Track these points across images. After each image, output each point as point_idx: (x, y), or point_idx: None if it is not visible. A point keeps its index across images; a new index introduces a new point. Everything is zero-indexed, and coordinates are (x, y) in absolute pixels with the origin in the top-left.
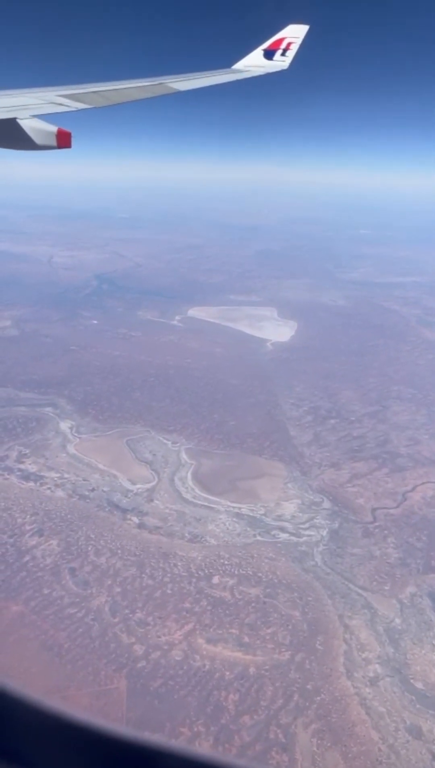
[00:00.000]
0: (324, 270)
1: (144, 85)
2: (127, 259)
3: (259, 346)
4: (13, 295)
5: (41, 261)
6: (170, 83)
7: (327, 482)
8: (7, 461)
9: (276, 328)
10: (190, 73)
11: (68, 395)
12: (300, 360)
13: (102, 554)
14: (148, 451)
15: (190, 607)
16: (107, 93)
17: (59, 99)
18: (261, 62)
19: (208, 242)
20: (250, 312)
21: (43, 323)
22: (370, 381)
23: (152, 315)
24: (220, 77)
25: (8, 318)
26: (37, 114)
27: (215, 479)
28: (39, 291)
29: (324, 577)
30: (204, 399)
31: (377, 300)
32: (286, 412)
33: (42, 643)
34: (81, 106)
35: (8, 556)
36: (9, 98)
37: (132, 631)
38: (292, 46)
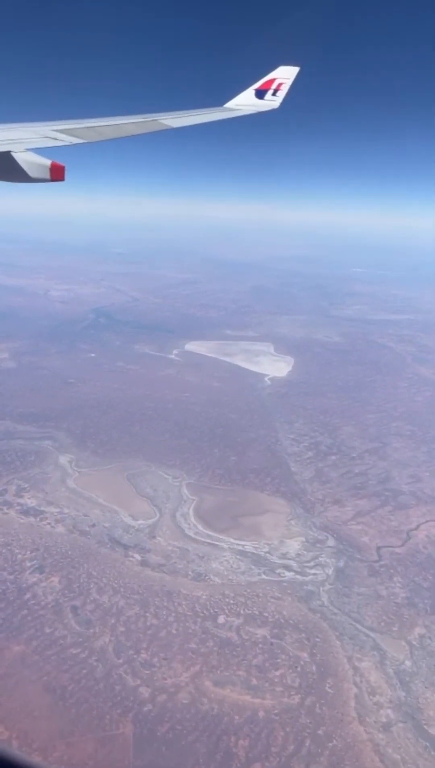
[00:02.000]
0: (318, 307)
1: (137, 121)
2: (123, 293)
3: (256, 380)
4: (9, 327)
5: (37, 294)
6: (163, 120)
7: (331, 519)
8: (6, 495)
9: (273, 363)
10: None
11: (67, 428)
12: (298, 395)
13: (104, 592)
14: (148, 485)
15: (196, 647)
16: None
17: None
18: (252, 101)
19: (203, 277)
20: (247, 347)
21: (40, 356)
22: (369, 417)
23: (150, 349)
24: (212, 115)
25: (5, 350)
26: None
27: (218, 515)
28: (36, 324)
29: (331, 617)
30: (204, 433)
31: (372, 337)
32: (286, 448)
33: (45, 686)
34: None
35: (8, 593)
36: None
37: (137, 673)
38: (282, 86)
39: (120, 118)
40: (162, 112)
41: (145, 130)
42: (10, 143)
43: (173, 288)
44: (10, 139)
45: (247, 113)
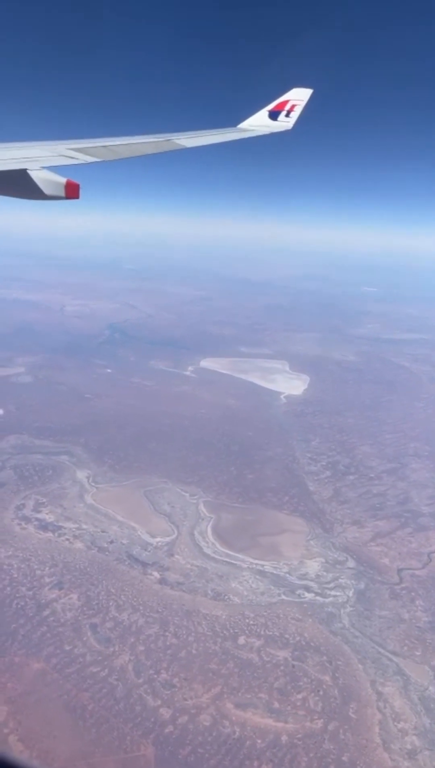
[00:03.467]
0: (332, 325)
1: (151, 140)
2: (137, 309)
3: (272, 398)
4: (26, 341)
5: (53, 309)
6: (177, 140)
7: (350, 540)
8: (24, 510)
9: (288, 381)
10: (197, 131)
11: (84, 443)
12: (315, 414)
13: (124, 610)
14: (166, 502)
15: (216, 668)
16: (115, 147)
17: (69, 152)
18: (266, 122)
19: (216, 295)
20: (262, 364)
21: (56, 370)
22: (386, 437)
23: (165, 365)
24: (226, 135)
25: (22, 364)
26: (47, 166)
27: (236, 534)
28: (52, 339)
29: (353, 640)
30: (220, 451)
31: (387, 356)
32: (303, 467)
33: (65, 704)
34: (90, 159)
35: (28, 609)
36: (21, 150)
37: (157, 693)
38: (296, 108)
39: (134, 137)
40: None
41: (159, 150)
42: (27, 161)
43: (187, 305)
44: (27, 157)
45: (260, 134)
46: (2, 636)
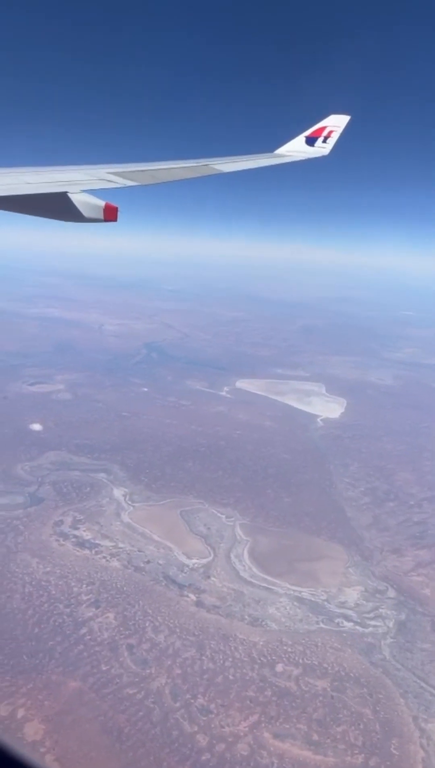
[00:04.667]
0: (369, 349)
1: (189, 165)
2: (174, 329)
3: (309, 421)
4: (66, 359)
5: (92, 328)
6: (215, 165)
7: (390, 569)
8: (62, 527)
9: (325, 404)
10: (234, 156)
11: (121, 461)
12: (353, 438)
13: (160, 631)
14: (202, 524)
15: (254, 696)
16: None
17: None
18: (303, 148)
19: (251, 316)
20: (298, 386)
21: (95, 388)
22: (426, 464)
23: (201, 385)
24: (263, 161)
25: (62, 382)
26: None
27: (273, 559)
28: (91, 357)
29: (394, 673)
30: (256, 473)
31: (426, 381)
32: (341, 492)
33: (102, 726)
34: (129, 183)
35: (65, 627)
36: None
37: (194, 719)
38: (333, 134)
39: (173, 162)
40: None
41: (196, 174)
42: (68, 184)
43: (223, 325)
44: (68, 181)
45: (296, 159)
46: (40, 653)
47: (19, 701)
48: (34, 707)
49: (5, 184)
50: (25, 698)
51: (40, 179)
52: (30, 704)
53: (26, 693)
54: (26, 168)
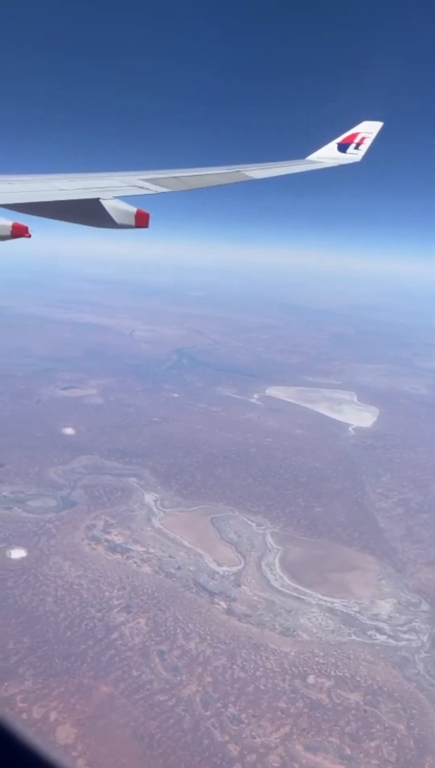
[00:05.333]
0: (401, 357)
1: (220, 172)
2: (204, 335)
3: (340, 430)
4: (98, 364)
5: (123, 333)
6: (246, 171)
7: (424, 582)
8: (94, 530)
9: (357, 412)
10: (266, 163)
11: (152, 467)
12: (385, 448)
13: (191, 639)
14: (232, 531)
15: (285, 707)
16: (186, 178)
17: (141, 182)
18: (335, 155)
19: (281, 323)
20: (329, 395)
21: (126, 393)
22: None
23: (231, 391)
24: (295, 167)
25: (94, 386)
26: (119, 195)
27: (304, 568)
28: (122, 362)
29: (429, 688)
30: (287, 481)
31: None
32: (374, 503)
33: (133, 732)
34: (160, 189)
35: (96, 631)
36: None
37: (225, 728)
38: (365, 140)
39: (204, 168)
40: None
41: (228, 181)
42: (100, 191)
43: (252, 332)
44: (101, 187)
45: (328, 166)
46: (72, 656)
47: (51, 704)
48: (66, 710)
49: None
50: (57, 701)
51: (73, 186)
52: (62, 707)
53: (58, 696)
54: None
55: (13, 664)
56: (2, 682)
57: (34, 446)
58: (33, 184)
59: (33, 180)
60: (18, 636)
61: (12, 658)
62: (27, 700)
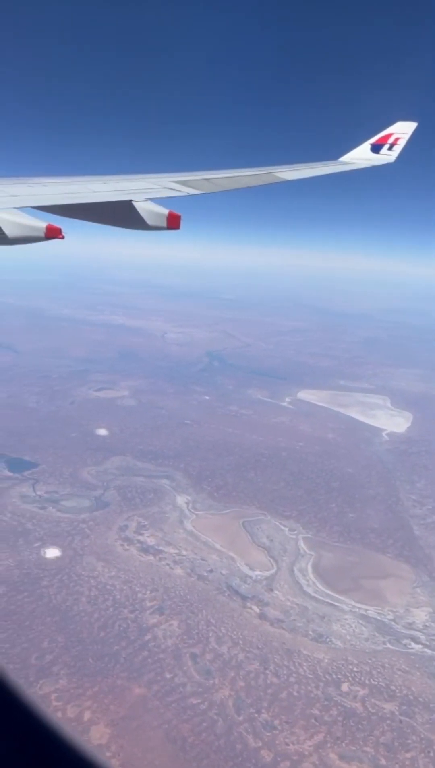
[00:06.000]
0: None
1: (252, 173)
2: (235, 338)
3: (373, 435)
4: (130, 366)
5: (155, 336)
6: (278, 173)
7: None
8: (127, 531)
9: (390, 417)
10: (298, 164)
11: (184, 469)
12: (419, 454)
13: (223, 642)
14: (264, 535)
15: (319, 714)
16: (217, 180)
17: (173, 184)
18: (368, 155)
19: (312, 326)
20: (362, 399)
21: (158, 395)
22: None
23: (262, 395)
24: (327, 168)
25: (126, 388)
26: (151, 197)
27: (337, 575)
28: (154, 364)
29: None
30: (320, 486)
31: None
32: (408, 509)
33: (166, 734)
34: (192, 191)
35: (130, 632)
36: (128, 182)
37: (258, 734)
38: (399, 141)
39: (236, 170)
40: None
41: (259, 182)
42: (133, 193)
43: (283, 335)
44: (133, 189)
45: (361, 167)
46: (105, 657)
47: (85, 704)
48: (99, 710)
49: (72, 192)
50: (91, 701)
51: (106, 188)
52: (96, 707)
53: (92, 696)
54: (92, 177)
55: (47, 662)
56: (37, 680)
57: (69, 447)
58: (66, 187)
59: (67, 182)
60: (52, 635)
61: (47, 656)
62: (61, 699)
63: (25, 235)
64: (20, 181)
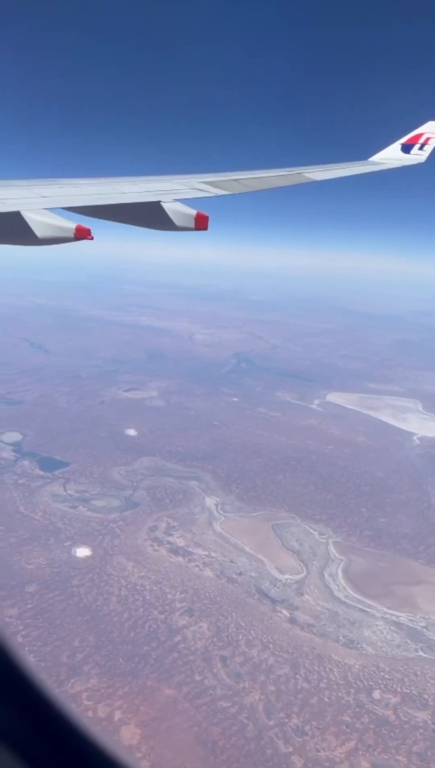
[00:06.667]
0: None
1: (282, 174)
2: (263, 340)
3: (404, 439)
4: (158, 367)
5: (183, 337)
6: (307, 173)
7: None
8: (156, 532)
9: (422, 421)
10: (327, 164)
11: (212, 470)
12: None
13: (253, 646)
14: (294, 539)
15: (350, 721)
16: (247, 181)
17: (201, 185)
18: (398, 155)
19: (342, 328)
20: (392, 402)
21: (186, 396)
22: None
23: (291, 397)
24: (357, 169)
25: (155, 389)
26: (179, 198)
27: (368, 580)
28: (182, 365)
29: None
30: (350, 490)
31: None
32: None
33: (196, 737)
34: (220, 192)
35: (159, 633)
36: (156, 183)
37: (289, 740)
38: (430, 141)
39: (264, 171)
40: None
41: (288, 183)
42: (161, 194)
43: (312, 337)
44: (161, 190)
45: (391, 167)
46: (135, 657)
47: (116, 703)
48: (130, 711)
49: (101, 193)
50: (121, 701)
51: (135, 189)
52: (126, 707)
53: (123, 696)
54: (121, 178)
55: (78, 661)
56: (68, 678)
57: (98, 446)
58: (96, 188)
59: (96, 183)
60: (83, 634)
61: (78, 655)
62: (92, 698)
63: (54, 235)
64: (51, 183)
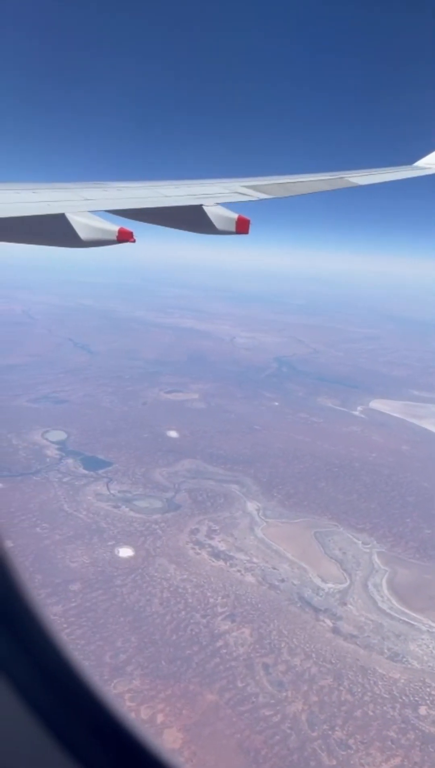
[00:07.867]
0: None
1: (324, 178)
2: (304, 344)
3: None
4: (199, 369)
5: (224, 340)
6: (350, 177)
7: None
8: (198, 535)
9: None
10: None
11: (253, 475)
12: None
13: (296, 654)
14: (337, 547)
15: (395, 737)
16: (288, 185)
17: (243, 189)
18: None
19: (385, 333)
20: None
21: (227, 399)
22: None
23: (333, 403)
24: (401, 173)
25: (196, 391)
26: (221, 202)
27: (414, 592)
28: (223, 368)
29: None
30: (394, 499)
31: None
32: None
33: (238, 744)
34: (262, 196)
35: (201, 637)
36: (199, 187)
37: (332, 752)
38: None
39: (307, 175)
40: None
41: (332, 187)
42: (203, 197)
43: (354, 342)
44: (203, 194)
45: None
46: (178, 660)
47: (158, 706)
48: (172, 714)
49: (144, 196)
50: (163, 704)
51: (177, 192)
52: (169, 710)
53: (165, 699)
54: (163, 181)
55: (121, 661)
56: (112, 678)
57: (141, 447)
58: (139, 191)
59: (139, 187)
60: (126, 634)
61: (121, 656)
62: (135, 700)
63: (97, 237)
64: (96, 186)
